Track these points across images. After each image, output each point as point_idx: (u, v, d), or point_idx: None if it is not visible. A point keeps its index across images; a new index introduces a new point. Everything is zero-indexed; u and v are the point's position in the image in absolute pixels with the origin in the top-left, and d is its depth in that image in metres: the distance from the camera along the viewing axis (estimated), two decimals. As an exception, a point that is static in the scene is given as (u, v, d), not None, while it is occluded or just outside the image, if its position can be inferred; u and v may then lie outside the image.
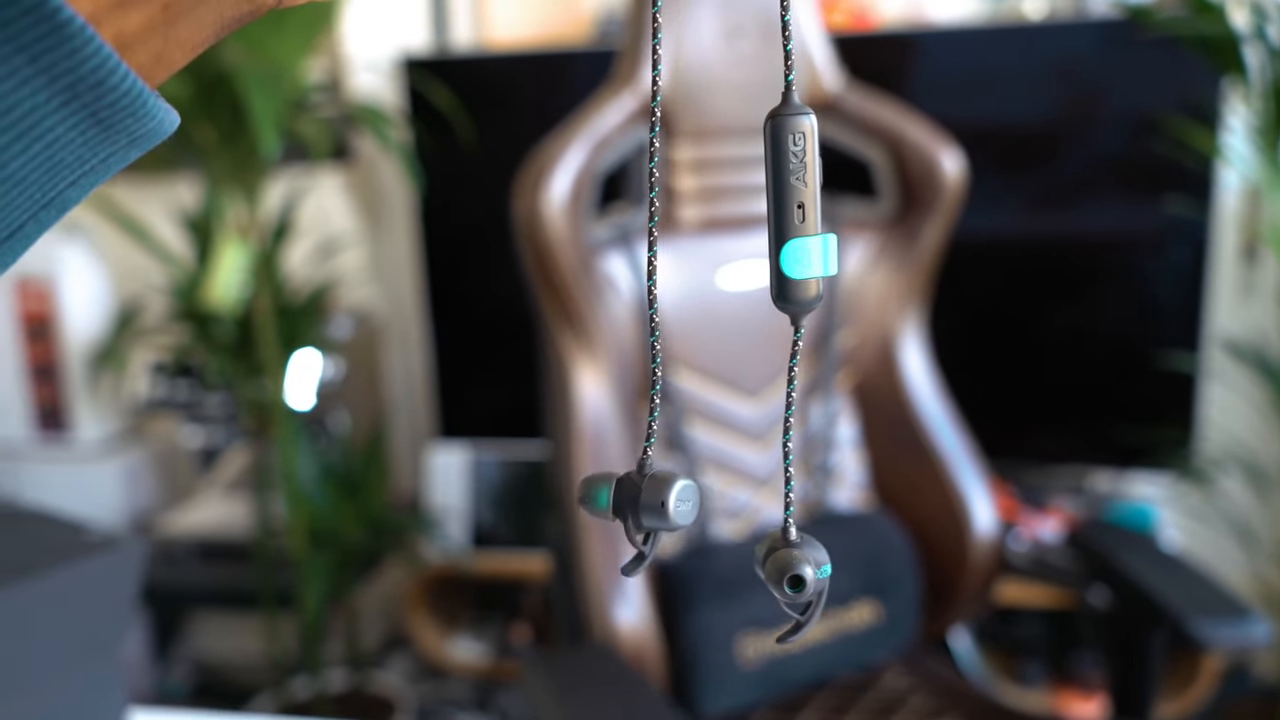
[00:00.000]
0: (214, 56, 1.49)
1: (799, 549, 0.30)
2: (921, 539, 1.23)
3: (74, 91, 0.23)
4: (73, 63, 0.22)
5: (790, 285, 0.28)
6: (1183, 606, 1.03)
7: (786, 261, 0.28)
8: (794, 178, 0.28)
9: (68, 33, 0.22)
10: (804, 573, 0.29)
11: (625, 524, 0.31)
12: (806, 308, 0.29)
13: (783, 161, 0.28)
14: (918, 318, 1.25)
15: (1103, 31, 1.69)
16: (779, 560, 0.30)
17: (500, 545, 1.98)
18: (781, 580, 0.29)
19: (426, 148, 1.86)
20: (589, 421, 1.09)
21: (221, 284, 1.66)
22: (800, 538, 0.30)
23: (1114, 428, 1.76)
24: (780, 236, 0.28)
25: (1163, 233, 1.71)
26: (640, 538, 0.31)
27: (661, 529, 0.30)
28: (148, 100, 0.24)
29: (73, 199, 0.25)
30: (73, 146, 0.24)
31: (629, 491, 0.31)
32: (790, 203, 0.28)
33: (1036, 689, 1.83)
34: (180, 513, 2.09)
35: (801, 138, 0.28)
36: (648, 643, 1.06)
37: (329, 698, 1.87)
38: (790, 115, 0.28)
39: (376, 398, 2.19)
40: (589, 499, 0.32)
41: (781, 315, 0.29)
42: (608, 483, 0.31)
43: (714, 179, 1.17)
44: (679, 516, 0.30)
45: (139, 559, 0.74)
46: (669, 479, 0.30)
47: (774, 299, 0.29)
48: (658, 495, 0.30)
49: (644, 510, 0.30)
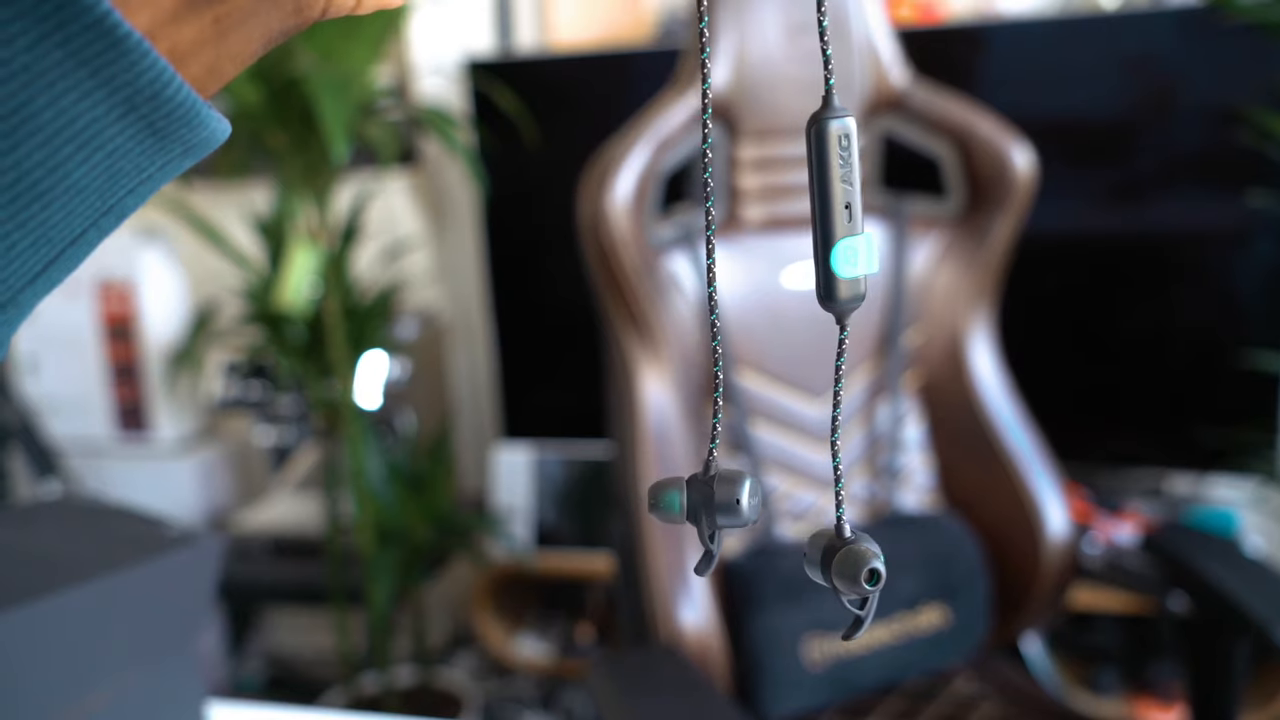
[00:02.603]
0: (285, 63, 1.53)
1: (864, 544, 0.30)
2: (992, 542, 1.20)
3: (132, 103, 0.24)
4: (131, 75, 0.23)
5: (840, 284, 0.29)
6: (1268, 614, 0.99)
7: (837, 261, 0.29)
8: (842, 179, 0.29)
9: (126, 47, 0.23)
10: (879, 566, 0.30)
11: (699, 525, 0.32)
12: (852, 306, 0.30)
13: (828, 163, 0.29)
14: (987, 316, 1.23)
15: (1181, 20, 1.64)
16: (851, 556, 0.30)
17: (564, 545, 1.99)
18: (858, 576, 0.30)
19: (491, 150, 1.88)
20: (653, 422, 1.08)
21: (293, 286, 1.70)
22: (855, 533, 0.31)
23: (1193, 429, 1.71)
24: (829, 238, 0.29)
25: (1245, 227, 1.65)
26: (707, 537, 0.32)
27: (735, 525, 0.31)
28: (201, 110, 0.25)
29: (131, 206, 0.26)
30: (131, 156, 0.25)
31: (701, 493, 0.31)
32: (838, 204, 0.29)
33: (1112, 697, 1.78)
34: (253, 510, 2.15)
35: (847, 139, 0.29)
36: (712, 644, 1.06)
37: (397, 693, 1.90)
38: (833, 118, 0.29)
39: (442, 398, 2.22)
40: (660, 504, 0.32)
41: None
42: (677, 487, 0.32)
43: (777, 177, 1.16)
44: (751, 512, 0.31)
45: (216, 554, 0.76)
46: (738, 477, 0.31)
47: (821, 299, 0.30)
48: (731, 493, 0.31)
49: (719, 509, 0.31)
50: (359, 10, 0.28)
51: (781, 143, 1.15)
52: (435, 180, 2.22)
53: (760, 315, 1.16)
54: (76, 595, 0.66)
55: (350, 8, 0.27)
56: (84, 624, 0.67)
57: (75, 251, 0.26)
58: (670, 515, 0.32)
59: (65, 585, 0.66)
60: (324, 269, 1.70)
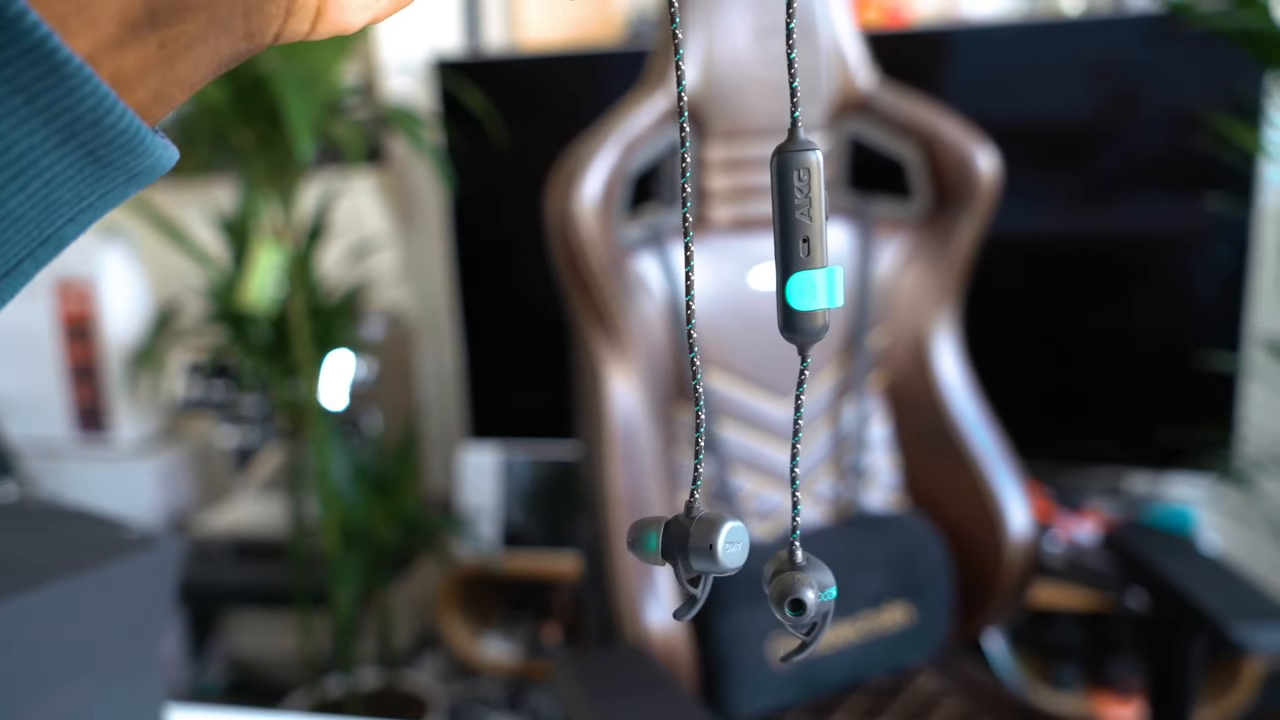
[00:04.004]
0: (251, 61, 1.51)
1: (802, 572, 0.30)
2: (955, 541, 1.21)
3: (71, 130, 0.23)
4: (70, 102, 0.22)
5: (796, 317, 0.29)
6: (1223, 610, 1.01)
7: (792, 294, 0.29)
8: (799, 213, 0.28)
9: (65, 72, 0.22)
10: (805, 596, 0.29)
11: (675, 568, 0.31)
12: (812, 339, 0.29)
13: (788, 196, 0.28)
14: (951, 317, 1.24)
15: (1142, 26, 1.67)
16: (781, 583, 0.30)
17: (531, 545, 1.99)
18: (783, 603, 0.30)
19: (459, 149, 1.87)
20: (620, 422, 1.09)
21: (257, 285, 1.68)
22: (806, 560, 0.31)
23: (1152, 428, 1.74)
24: (786, 270, 0.29)
25: (1203, 231, 1.68)
26: (691, 581, 0.31)
27: (711, 572, 0.30)
28: (145, 138, 0.24)
29: (70, 235, 0.25)
30: (70, 184, 0.24)
31: (677, 535, 0.30)
32: (795, 237, 0.28)
33: (1071, 693, 1.81)
34: (216, 512, 2.12)
35: (806, 173, 0.28)
36: (679, 644, 1.06)
37: (361, 696, 1.88)
38: (796, 151, 0.28)
39: (409, 398, 2.21)
40: (638, 543, 0.31)
41: None
42: (656, 527, 0.31)
43: (746, 178, 1.17)
44: (728, 559, 0.30)
45: (176, 557, 0.75)
46: (717, 521, 0.30)
47: (781, 330, 0.29)
48: (706, 538, 0.30)
49: (693, 553, 0.30)
50: (313, 36, 0.27)
51: (750, 144, 1.15)
52: (402, 179, 2.21)
53: (728, 316, 1.17)
54: (32, 599, 0.65)
55: (304, 34, 0.27)
56: (40, 629, 0.66)
57: (11, 283, 0.25)
58: (647, 555, 0.31)
59: (21, 589, 0.65)
60: (289, 268, 1.68)
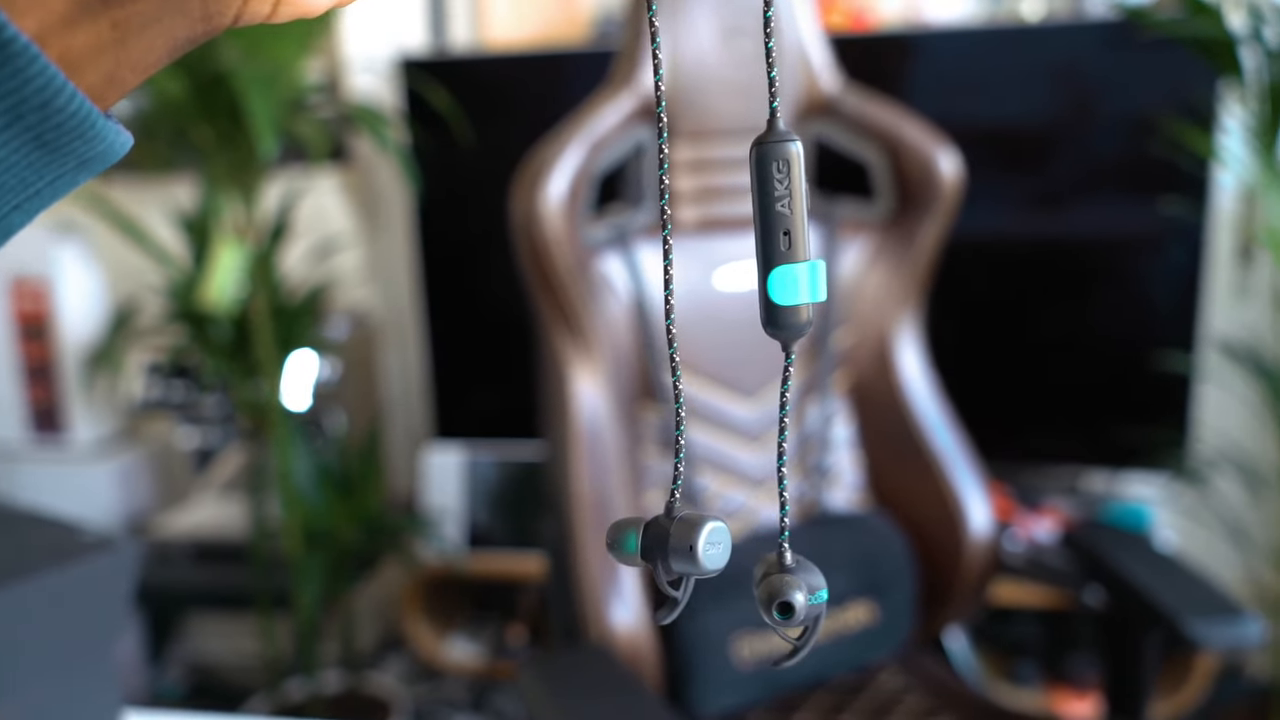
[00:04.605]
0: (212, 57, 1.49)
1: (791, 574, 0.29)
2: (917, 539, 1.23)
3: (17, 113, 0.22)
4: (16, 83, 0.21)
5: (778, 312, 0.28)
6: (1176, 606, 1.03)
7: (774, 289, 0.28)
8: (780, 205, 0.28)
9: (11, 51, 0.21)
10: (794, 599, 0.29)
11: (655, 569, 0.30)
12: (796, 334, 0.29)
13: (768, 188, 0.28)
14: (914, 318, 1.25)
15: (1100, 33, 1.69)
16: (770, 586, 0.29)
17: (496, 546, 1.98)
18: (771, 606, 0.29)
19: (424, 148, 1.86)
20: (585, 422, 1.09)
21: (218, 284, 1.66)
22: (796, 562, 0.30)
23: (1110, 428, 1.77)
24: (767, 264, 0.28)
25: (1159, 234, 1.71)
26: (672, 582, 0.30)
27: (692, 574, 0.29)
28: (96, 122, 0.23)
29: (17, 223, 0.24)
30: (16, 170, 0.23)
31: (657, 535, 0.30)
32: (776, 230, 0.28)
33: (1031, 689, 1.83)
34: (175, 514, 2.09)
35: (786, 165, 0.28)
36: (643, 643, 1.06)
37: (324, 699, 1.87)
38: (775, 142, 0.28)
39: (373, 398, 2.19)
40: (617, 544, 0.31)
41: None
42: (636, 527, 0.30)
43: (712, 179, 1.17)
44: (709, 560, 0.29)
45: (133, 560, 0.74)
46: (698, 522, 0.29)
47: (764, 325, 0.29)
48: (686, 539, 0.29)
49: (673, 554, 0.29)
50: (274, 19, 0.26)
51: (715, 145, 1.16)
52: (367, 178, 2.19)
53: (694, 316, 1.17)
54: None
55: (265, 16, 0.26)
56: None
57: None
58: (626, 556, 0.30)
59: (-27, 593, 0.64)
60: (251, 267, 1.66)
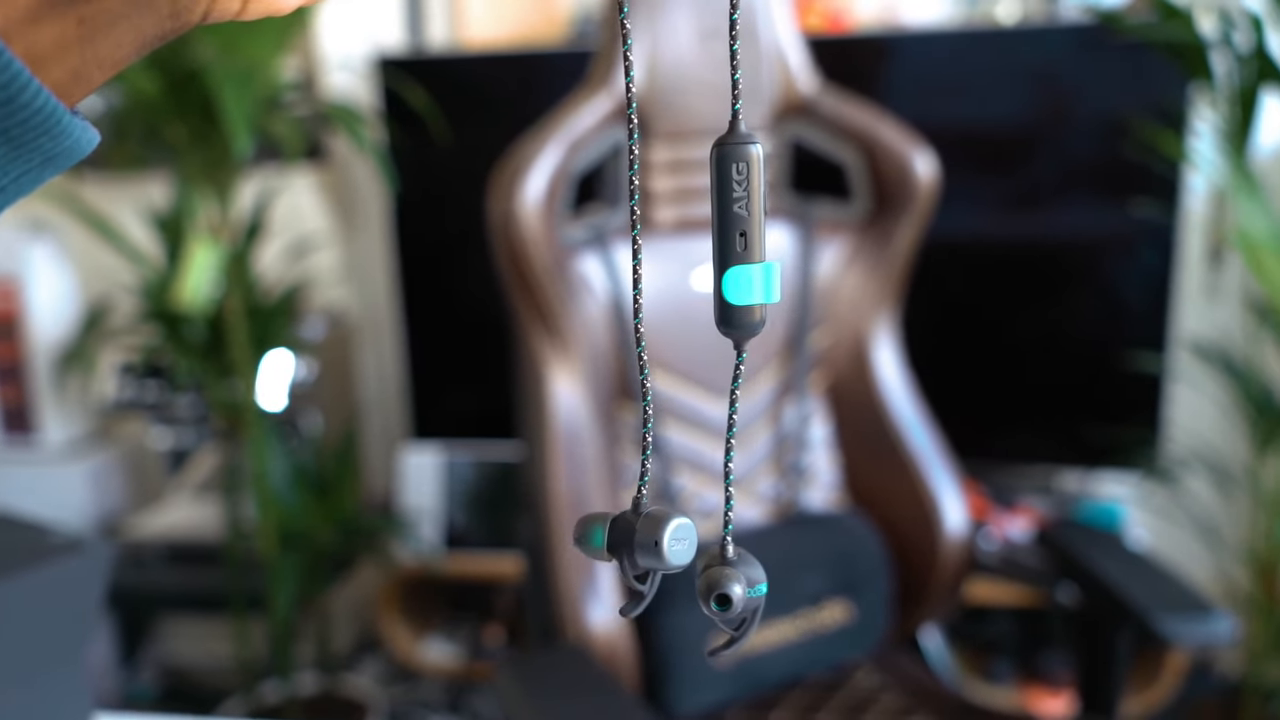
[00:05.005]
0: (185, 53, 1.48)
1: (731, 567, 0.30)
2: (893, 539, 1.23)
3: None
4: None
5: (731, 311, 0.28)
6: (1148, 604, 1.04)
7: (728, 288, 0.28)
8: (737, 206, 0.28)
9: None
10: (731, 591, 0.29)
11: (621, 564, 0.30)
12: (749, 333, 0.29)
13: (726, 189, 0.28)
14: (891, 318, 1.26)
15: (1074, 36, 1.71)
16: (709, 578, 0.30)
17: (473, 546, 1.97)
18: (710, 597, 0.29)
19: (401, 148, 1.85)
20: (563, 422, 1.08)
21: (192, 284, 1.65)
22: (738, 555, 0.30)
23: (1083, 427, 1.78)
24: (722, 263, 0.28)
25: (1131, 235, 1.73)
26: (638, 577, 0.31)
27: (657, 569, 0.30)
28: (63, 118, 0.23)
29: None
30: None
31: (624, 531, 0.30)
32: (733, 230, 0.28)
33: (1005, 687, 1.85)
34: (149, 515, 2.07)
35: (746, 166, 0.28)
36: (620, 643, 1.06)
37: (299, 701, 1.85)
38: (735, 144, 0.28)
39: (349, 398, 2.18)
40: (584, 539, 0.31)
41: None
42: (603, 522, 0.31)
43: (689, 180, 1.17)
44: (674, 556, 0.29)
45: (105, 562, 0.73)
46: (663, 518, 0.30)
47: (717, 324, 0.29)
48: (652, 534, 0.29)
49: (639, 550, 0.29)
50: (244, 16, 0.26)
51: (693, 145, 1.16)
52: (344, 177, 2.18)
53: (671, 316, 1.17)
54: (-47, 605, 0.63)
55: (234, 12, 0.26)
56: (-39, 635, 0.64)
57: None
58: (593, 550, 0.30)
59: (-60, 595, 0.63)
60: (226, 266, 1.65)
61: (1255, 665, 1.61)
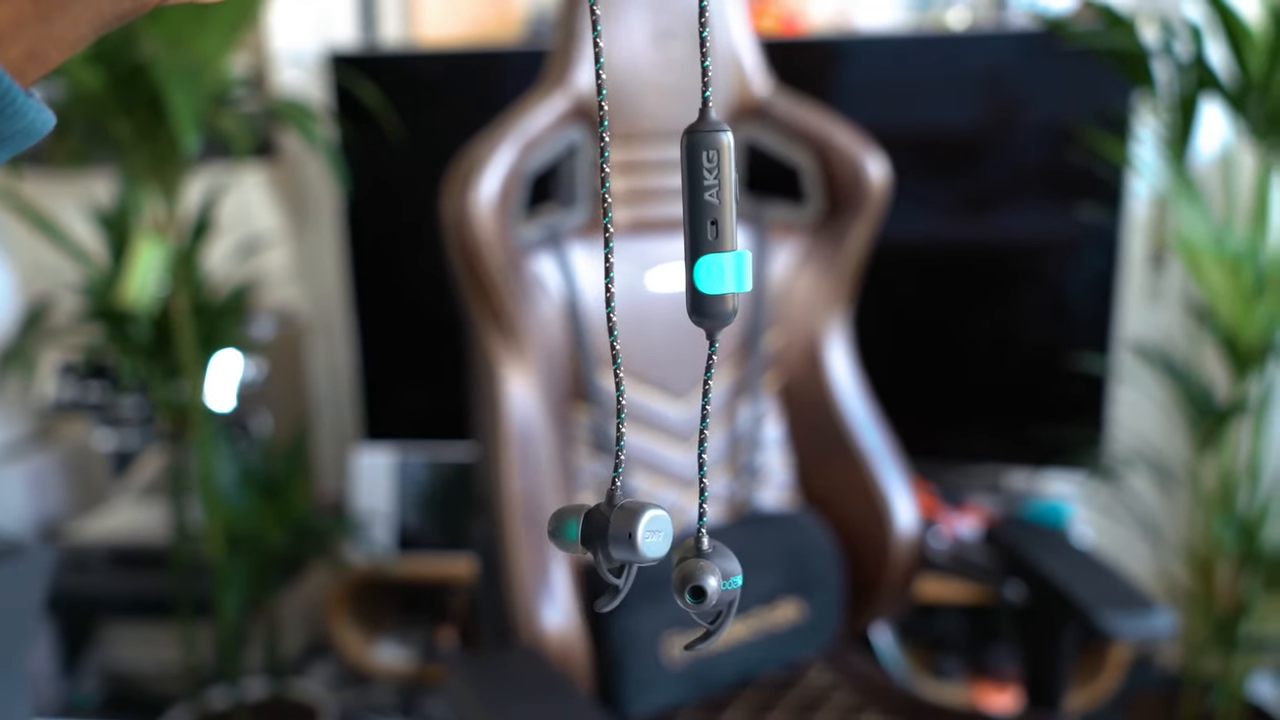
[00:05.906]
0: (131, 47, 1.45)
1: (707, 559, 0.30)
2: (845, 538, 1.25)
3: None
4: None
5: (704, 300, 0.28)
6: (1092, 601, 1.06)
7: (700, 277, 0.28)
8: (708, 194, 0.28)
9: None
10: (705, 584, 0.29)
11: (595, 557, 0.30)
12: (722, 322, 0.29)
13: (697, 177, 0.28)
14: (843, 319, 1.27)
15: (1022, 42, 1.74)
16: (684, 570, 0.30)
17: (426, 548, 1.96)
18: (684, 590, 0.29)
19: (353, 145, 1.83)
20: (516, 423, 1.08)
21: (137, 282, 1.61)
22: (713, 547, 0.30)
23: (1030, 427, 1.82)
24: (694, 252, 0.28)
25: (1076, 239, 1.77)
26: (613, 570, 0.30)
27: (632, 561, 0.29)
28: (17, 98, 0.23)
29: None
30: None
31: (598, 523, 0.30)
32: (704, 219, 0.28)
33: (954, 683, 1.88)
34: (91, 518, 2.02)
35: (716, 154, 0.28)
36: (574, 644, 1.06)
37: (247, 707, 1.83)
38: (706, 132, 0.28)
39: (300, 399, 2.15)
40: (559, 532, 0.31)
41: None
42: (577, 515, 0.30)
43: (642, 181, 1.17)
44: (648, 548, 0.29)
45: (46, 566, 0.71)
46: (638, 510, 0.29)
47: (690, 314, 0.29)
48: (626, 527, 0.29)
49: (613, 542, 0.29)
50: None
51: (646, 147, 1.16)
52: (294, 175, 2.15)
53: (626, 317, 1.17)
54: (-116, 612, 0.61)
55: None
56: (-107, 643, 0.62)
57: None
58: (567, 544, 0.30)
59: None
60: (172, 264, 1.62)
61: (1194, 658, 1.65)
